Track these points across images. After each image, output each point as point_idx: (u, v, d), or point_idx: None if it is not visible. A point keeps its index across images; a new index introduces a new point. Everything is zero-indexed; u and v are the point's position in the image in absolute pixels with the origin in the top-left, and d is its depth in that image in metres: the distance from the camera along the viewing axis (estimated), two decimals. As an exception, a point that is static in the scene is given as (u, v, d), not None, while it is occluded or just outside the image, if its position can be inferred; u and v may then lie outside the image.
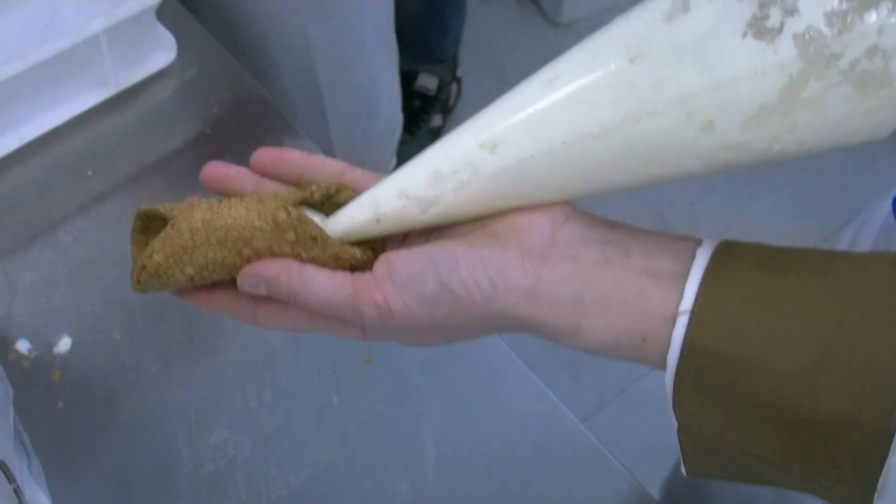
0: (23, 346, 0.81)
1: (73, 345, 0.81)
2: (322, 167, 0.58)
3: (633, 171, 0.49)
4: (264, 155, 0.58)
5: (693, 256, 0.49)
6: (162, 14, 0.94)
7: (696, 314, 0.46)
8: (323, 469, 0.77)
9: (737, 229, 1.99)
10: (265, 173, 0.59)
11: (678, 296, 0.48)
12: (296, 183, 0.58)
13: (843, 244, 0.95)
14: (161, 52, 0.96)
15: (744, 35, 0.45)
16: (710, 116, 0.46)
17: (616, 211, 0.57)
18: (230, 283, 0.56)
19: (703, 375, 0.46)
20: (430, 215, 0.53)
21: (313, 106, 1.22)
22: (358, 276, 0.52)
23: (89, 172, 0.90)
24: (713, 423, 0.48)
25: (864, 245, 0.92)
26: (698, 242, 0.50)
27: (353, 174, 0.58)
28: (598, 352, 0.50)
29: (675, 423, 0.49)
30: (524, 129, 0.50)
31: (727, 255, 0.48)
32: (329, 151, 1.23)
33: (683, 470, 0.51)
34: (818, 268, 0.46)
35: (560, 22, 2.24)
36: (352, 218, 0.54)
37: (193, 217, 0.54)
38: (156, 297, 0.82)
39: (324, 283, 0.52)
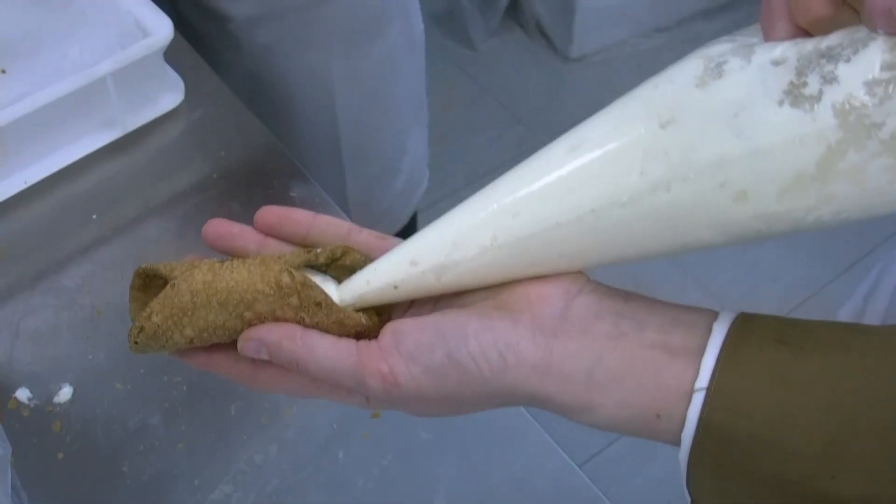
0: (23, 394, 0.79)
1: (75, 394, 0.79)
2: (328, 227, 0.57)
3: (659, 241, 0.48)
4: (269, 214, 0.57)
5: (709, 331, 0.47)
6: (170, 55, 0.93)
7: (713, 391, 0.45)
8: (329, 527, 0.75)
9: (749, 273, 1.97)
10: (269, 232, 0.57)
11: (694, 372, 0.46)
12: (301, 243, 0.57)
13: (858, 295, 0.94)
14: (169, 93, 0.95)
15: (780, 103, 0.43)
16: (744, 186, 0.45)
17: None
18: (231, 344, 0.55)
19: (719, 454, 0.45)
20: (447, 282, 0.51)
21: (331, 162, 1.19)
22: (363, 344, 0.51)
23: (94, 216, 0.89)
24: (729, 501, 0.46)
25: (883, 298, 0.91)
26: (715, 315, 0.48)
27: (360, 235, 0.56)
28: (610, 428, 0.49)
29: (688, 498, 0.48)
30: (549, 196, 0.48)
31: (745, 330, 0.47)
32: (343, 202, 1.20)
33: None
34: (839, 344, 0.45)
35: (570, 56, 2.23)
36: (368, 283, 0.53)
37: (194, 278, 0.52)
38: (160, 345, 0.82)
39: (328, 351, 0.51)
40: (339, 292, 0.54)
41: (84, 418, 0.78)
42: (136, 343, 0.54)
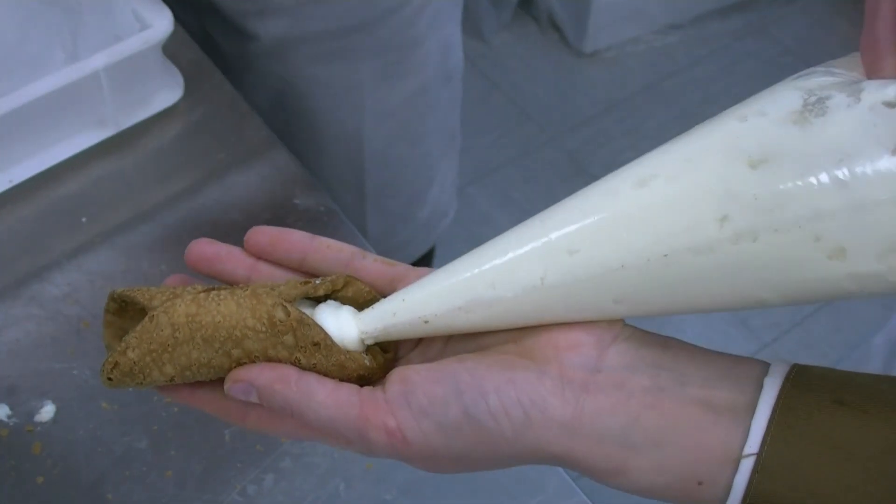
0: (2, 411, 0.74)
1: (58, 413, 0.74)
2: (327, 252, 0.51)
3: (732, 294, 0.43)
4: (260, 235, 0.52)
5: (760, 386, 0.43)
6: (170, 50, 0.88)
7: (764, 459, 0.41)
8: (326, 568, 0.70)
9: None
10: (261, 256, 0.52)
11: (742, 434, 0.42)
12: (296, 269, 0.52)
13: (894, 325, 0.89)
14: (167, 90, 0.89)
15: (893, 151, 0.38)
16: (843, 242, 0.40)
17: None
18: (218, 380, 0.50)
19: None
20: (478, 320, 0.46)
21: (354, 193, 1.11)
22: (367, 393, 0.46)
23: (83, 219, 0.84)
24: None
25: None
26: (765, 368, 0.44)
27: (364, 261, 0.51)
28: (646, 494, 0.44)
29: None
30: (614, 235, 0.43)
31: (800, 387, 0.42)
32: (362, 231, 1.13)
33: None
34: None
35: (583, 51, 2.18)
36: (394, 315, 0.47)
37: (176, 310, 0.47)
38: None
39: (326, 400, 0.46)
40: (360, 323, 0.48)
41: (66, 440, 0.73)
42: (109, 379, 0.49)
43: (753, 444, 0.41)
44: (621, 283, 0.43)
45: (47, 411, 0.74)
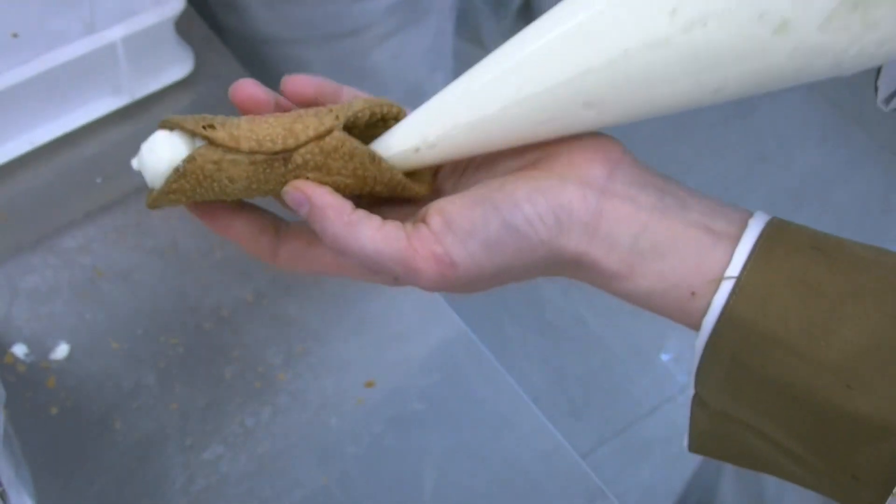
0: (19, 350, 0.79)
1: (71, 352, 0.80)
2: (358, 97, 0.54)
3: (691, 85, 0.46)
4: (304, 84, 0.54)
5: (746, 225, 0.47)
6: (181, 27, 0.94)
7: (742, 283, 0.45)
8: (316, 490, 0.75)
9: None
10: (302, 104, 0.54)
11: (730, 259, 0.46)
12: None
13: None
14: (178, 64, 0.95)
15: None
16: (785, 14, 0.42)
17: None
18: (254, 215, 0.53)
19: (735, 347, 0.45)
20: (472, 142, 0.50)
21: None
22: (411, 227, 0.49)
23: (98, 180, 0.89)
24: (734, 401, 0.46)
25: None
26: (751, 213, 0.48)
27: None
28: (644, 300, 0.48)
29: (692, 392, 0.48)
30: (578, 41, 0.46)
31: (780, 229, 0.46)
32: None
33: (686, 443, 0.50)
34: (871, 261, 0.44)
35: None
36: (388, 148, 0.51)
37: (235, 123, 0.50)
38: (158, 308, 0.82)
39: (375, 235, 0.48)
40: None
41: (79, 375, 0.79)
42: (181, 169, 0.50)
43: (735, 268, 0.45)
44: (590, 87, 0.46)
45: (62, 350, 0.80)
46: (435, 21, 1.10)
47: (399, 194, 0.52)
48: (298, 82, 0.54)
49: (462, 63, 1.17)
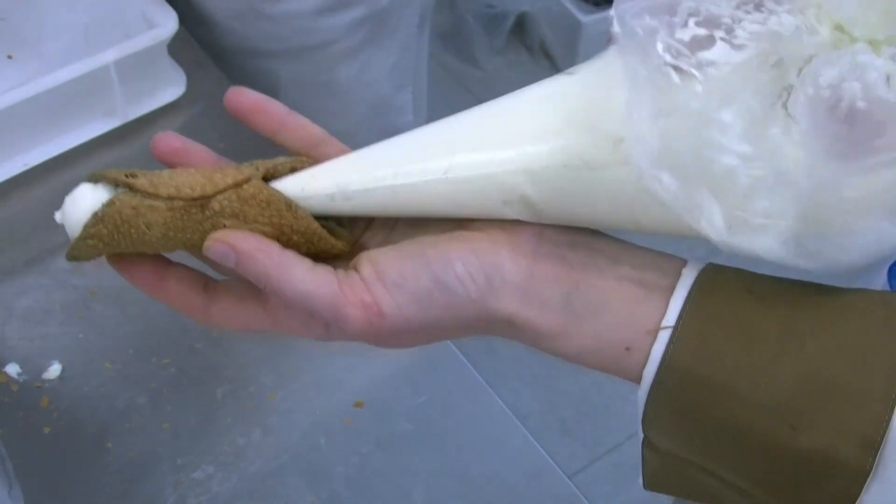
0: (12, 369, 0.80)
1: (64, 372, 0.81)
2: (301, 130, 0.54)
3: (611, 211, 0.48)
4: (244, 97, 0.54)
5: (680, 275, 0.47)
6: (173, 49, 0.95)
7: (679, 332, 0.45)
8: (306, 510, 0.76)
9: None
10: (240, 117, 0.54)
11: (666, 310, 0.46)
12: (270, 138, 0.54)
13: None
14: (170, 86, 0.96)
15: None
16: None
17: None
18: (184, 273, 0.53)
19: (678, 396, 0.45)
20: (382, 202, 0.51)
21: None
22: (342, 273, 0.49)
23: (92, 201, 0.90)
24: (683, 444, 0.46)
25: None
26: (685, 262, 0.49)
27: (329, 147, 0.54)
28: (579, 359, 0.49)
29: (641, 436, 0.48)
30: (517, 141, 0.49)
31: (714, 276, 0.47)
32: None
33: (641, 482, 0.50)
34: (805, 301, 0.45)
35: (573, 79, 2.24)
36: (302, 189, 0.51)
37: (156, 174, 0.51)
38: (150, 328, 0.83)
39: (305, 276, 0.48)
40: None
41: (72, 396, 0.79)
42: (98, 218, 0.51)
43: (671, 318, 0.45)
44: (514, 187, 0.48)
45: (54, 370, 0.81)
46: (401, 38, 1.11)
47: (317, 245, 0.52)
48: (241, 97, 0.54)
49: (456, 81, 1.18)
